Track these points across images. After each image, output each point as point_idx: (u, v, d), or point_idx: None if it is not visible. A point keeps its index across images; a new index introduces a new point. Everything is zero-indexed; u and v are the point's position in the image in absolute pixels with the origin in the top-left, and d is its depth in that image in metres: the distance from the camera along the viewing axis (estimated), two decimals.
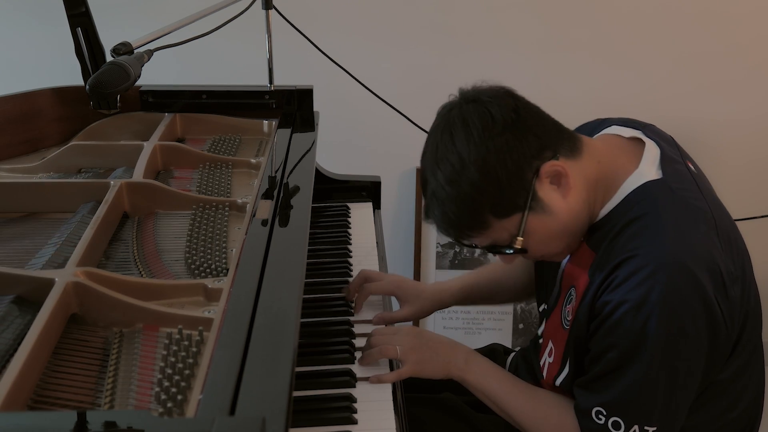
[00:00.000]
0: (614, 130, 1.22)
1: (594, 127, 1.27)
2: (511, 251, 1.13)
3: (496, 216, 1.11)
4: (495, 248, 1.16)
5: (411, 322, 1.88)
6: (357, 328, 1.37)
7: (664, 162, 1.13)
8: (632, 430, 1.07)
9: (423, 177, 1.17)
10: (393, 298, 1.51)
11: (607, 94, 2.35)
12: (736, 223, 1.19)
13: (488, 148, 1.07)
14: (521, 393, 1.23)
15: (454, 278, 1.53)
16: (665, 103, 2.36)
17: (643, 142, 1.16)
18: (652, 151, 1.14)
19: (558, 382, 1.22)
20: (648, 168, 1.12)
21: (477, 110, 1.10)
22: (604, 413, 1.09)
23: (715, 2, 2.26)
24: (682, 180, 1.12)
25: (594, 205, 1.14)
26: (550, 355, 1.26)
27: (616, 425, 1.08)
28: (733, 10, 2.27)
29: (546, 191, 1.10)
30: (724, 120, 2.38)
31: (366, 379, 1.21)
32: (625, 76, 2.34)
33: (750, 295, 1.12)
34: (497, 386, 1.23)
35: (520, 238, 1.12)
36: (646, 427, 1.07)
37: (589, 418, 1.11)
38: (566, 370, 1.19)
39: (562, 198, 1.11)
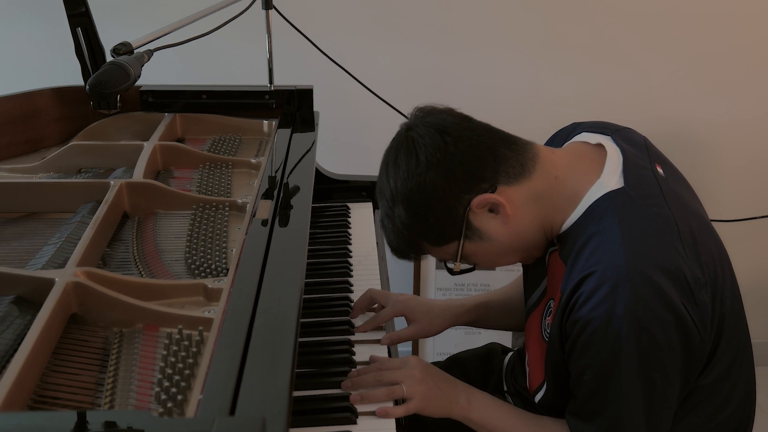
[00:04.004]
0: (582, 137, 1.21)
1: (569, 132, 1.27)
2: (456, 272, 1.19)
3: (432, 245, 1.16)
4: (446, 264, 1.21)
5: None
6: (357, 329, 1.38)
7: (627, 169, 1.12)
8: None
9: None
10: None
11: (606, 95, 2.35)
12: (736, 223, 1.19)
13: (411, 189, 1.11)
14: (526, 425, 1.21)
15: (466, 297, 1.52)
16: (665, 103, 2.36)
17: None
18: (613, 159, 1.14)
19: (537, 398, 1.22)
20: (609, 177, 1.11)
21: (407, 148, 1.13)
22: None
23: (715, 3, 2.26)
24: (644, 187, 1.12)
25: (553, 218, 1.14)
26: (528, 365, 1.26)
27: None
28: (732, 10, 2.27)
29: (482, 221, 1.12)
30: (724, 120, 2.38)
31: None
32: (625, 76, 2.34)
33: (724, 298, 1.11)
34: (500, 421, 1.21)
35: (457, 263, 1.17)
36: None
37: None
38: (544, 389, 1.19)
39: (502, 224, 1.12)
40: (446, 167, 1.10)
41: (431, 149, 1.10)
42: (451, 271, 1.19)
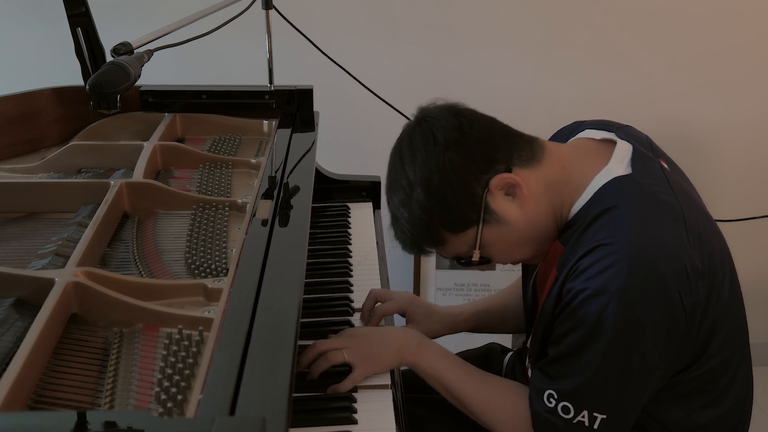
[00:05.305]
0: (586, 133, 1.23)
1: (571, 130, 1.28)
2: (474, 262, 1.17)
3: (451, 232, 1.15)
4: (459, 259, 1.19)
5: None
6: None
7: (635, 159, 1.14)
8: (581, 415, 1.08)
9: (386, 199, 1.21)
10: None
11: (606, 94, 2.35)
12: (736, 223, 1.19)
13: (431, 169, 1.10)
14: (474, 380, 1.22)
15: (465, 304, 1.52)
16: (664, 103, 2.36)
17: (614, 143, 1.17)
18: (623, 149, 1.15)
19: (530, 374, 1.22)
20: (617, 165, 1.13)
21: (422, 132, 1.13)
22: (555, 397, 1.09)
23: (715, 2, 2.26)
24: (652, 176, 1.13)
25: (561, 208, 1.15)
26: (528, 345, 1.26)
27: (565, 410, 1.09)
28: (732, 10, 2.27)
29: (500, 203, 1.12)
30: (724, 120, 2.38)
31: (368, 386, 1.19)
32: (625, 76, 2.34)
33: (721, 293, 1.11)
34: (449, 372, 1.22)
35: (476, 251, 1.15)
36: (595, 414, 1.07)
37: (540, 399, 1.11)
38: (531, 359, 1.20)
39: (518, 208, 1.13)
40: (464, 146, 1.10)
41: (448, 129, 1.11)
42: (470, 262, 1.18)
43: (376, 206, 1.88)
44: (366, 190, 1.89)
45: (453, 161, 1.10)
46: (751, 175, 2.44)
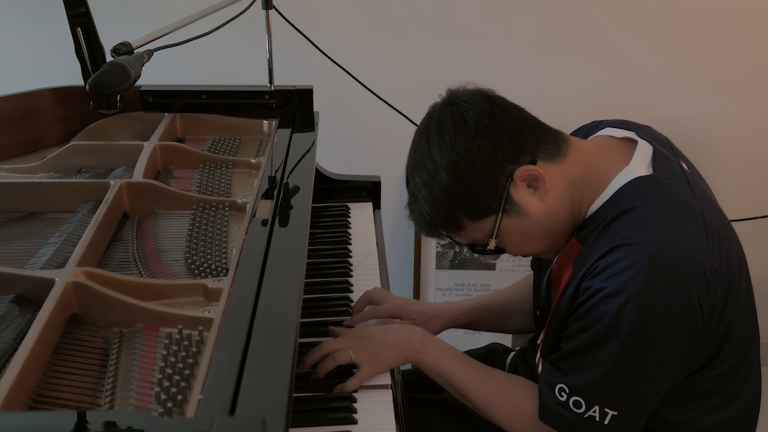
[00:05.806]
0: (607, 131, 1.22)
1: (590, 129, 1.28)
2: (489, 251, 1.16)
3: (470, 218, 1.14)
4: (474, 247, 1.19)
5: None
6: (353, 320, 1.37)
7: (656, 160, 1.14)
8: (593, 410, 1.08)
9: (406, 177, 1.20)
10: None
11: (605, 94, 2.35)
12: (736, 223, 1.19)
13: (458, 153, 1.10)
14: (478, 373, 1.22)
15: (464, 299, 1.52)
16: (664, 102, 2.36)
17: (635, 142, 1.17)
18: (644, 149, 1.15)
19: (540, 369, 1.22)
20: (638, 165, 1.13)
21: (452, 114, 1.12)
22: (567, 391, 1.10)
23: (714, 1, 2.26)
24: (672, 177, 1.13)
25: (580, 205, 1.14)
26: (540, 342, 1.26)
27: (577, 404, 1.09)
28: (731, 8, 2.27)
29: (522, 195, 1.12)
30: (724, 120, 2.38)
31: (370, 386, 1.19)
32: (624, 75, 2.34)
33: (738, 296, 1.11)
34: (453, 367, 1.22)
35: (493, 240, 1.15)
36: (606, 410, 1.07)
37: (551, 392, 1.11)
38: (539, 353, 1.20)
39: (539, 201, 1.12)
40: (494, 134, 1.10)
41: (479, 115, 1.11)
42: (484, 251, 1.17)
43: (376, 206, 1.88)
44: (366, 190, 1.89)
45: (481, 147, 1.09)
46: (751, 174, 2.44)
